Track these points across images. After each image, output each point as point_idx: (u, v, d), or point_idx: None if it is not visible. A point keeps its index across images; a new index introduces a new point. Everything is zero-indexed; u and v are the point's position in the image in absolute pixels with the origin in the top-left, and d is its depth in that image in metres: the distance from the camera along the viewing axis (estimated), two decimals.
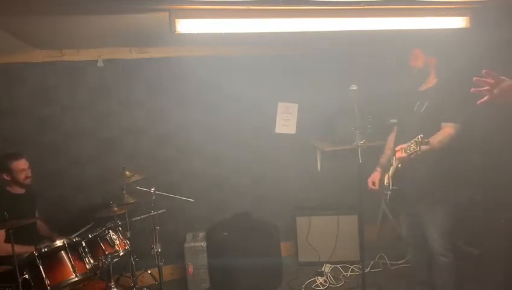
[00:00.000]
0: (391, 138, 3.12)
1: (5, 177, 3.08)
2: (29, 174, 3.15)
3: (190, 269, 3.69)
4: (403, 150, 2.53)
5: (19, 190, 3.17)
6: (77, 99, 3.68)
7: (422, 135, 2.38)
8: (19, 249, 2.67)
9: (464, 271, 3.13)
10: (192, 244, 3.71)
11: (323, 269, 3.89)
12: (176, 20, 2.11)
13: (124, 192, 3.36)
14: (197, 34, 2.36)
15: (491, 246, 3.10)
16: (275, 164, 4.27)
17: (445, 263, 2.80)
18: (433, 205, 2.77)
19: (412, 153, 2.44)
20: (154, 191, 3.21)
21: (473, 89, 1.80)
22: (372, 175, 3.06)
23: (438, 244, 2.80)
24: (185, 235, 3.87)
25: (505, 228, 3.02)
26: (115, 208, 3.18)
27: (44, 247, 2.76)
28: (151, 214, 3.18)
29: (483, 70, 1.75)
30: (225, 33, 2.34)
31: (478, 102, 1.82)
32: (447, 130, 2.66)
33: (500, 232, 3.04)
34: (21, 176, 3.10)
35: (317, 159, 4.33)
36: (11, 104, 3.52)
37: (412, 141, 2.44)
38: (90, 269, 2.87)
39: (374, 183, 3.01)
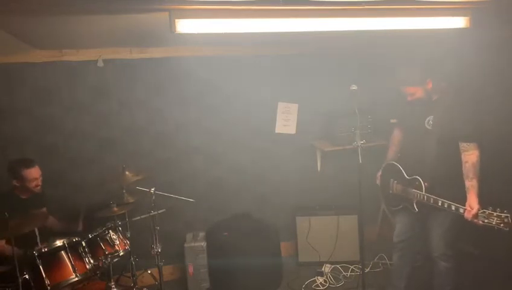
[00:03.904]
0: (397, 135, 3.07)
1: (15, 183, 3.04)
2: (40, 183, 3.11)
3: (190, 269, 3.69)
4: (477, 216, 2.36)
5: (24, 195, 3.14)
6: (77, 99, 3.68)
7: (509, 216, 2.22)
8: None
9: (464, 271, 3.14)
10: (192, 244, 3.71)
11: (323, 269, 3.89)
12: (176, 20, 2.10)
13: (124, 192, 3.37)
14: (197, 34, 2.36)
15: (491, 246, 3.10)
16: (275, 163, 4.27)
17: (446, 268, 2.77)
18: (440, 211, 2.66)
19: (492, 226, 2.28)
20: (154, 191, 3.21)
21: None
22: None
23: (440, 250, 2.75)
24: (185, 235, 3.87)
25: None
26: (115, 208, 3.19)
27: (44, 247, 2.76)
28: (151, 214, 3.18)
29: None
30: (225, 33, 2.33)
31: None
32: (475, 153, 2.53)
33: (500, 232, 3.04)
34: (32, 185, 3.05)
35: (317, 159, 4.33)
36: (11, 104, 3.52)
37: (495, 214, 2.26)
38: (90, 269, 2.87)
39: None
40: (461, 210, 2.44)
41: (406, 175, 2.83)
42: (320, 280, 3.76)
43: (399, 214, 2.99)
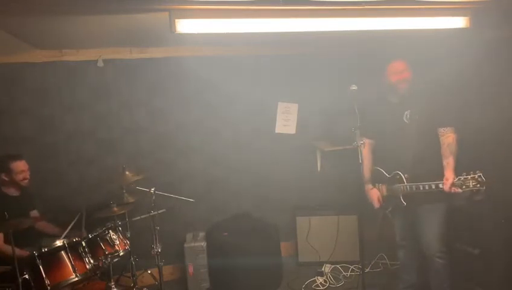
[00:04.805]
0: (365, 153, 2.97)
1: (4, 177, 3.06)
2: (28, 176, 3.13)
3: (190, 269, 3.69)
4: (453, 185, 2.48)
5: (14, 192, 3.16)
6: (77, 99, 3.69)
7: (481, 174, 2.36)
8: (17, 251, 2.67)
9: (464, 271, 3.13)
10: (192, 244, 3.71)
11: (323, 269, 3.88)
12: (176, 20, 2.11)
13: (124, 192, 3.37)
14: (198, 34, 2.36)
15: (491, 246, 3.10)
16: (275, 163, 4.27)
17: (441, 265, 2.80)
18: (433, 207, 2.77)
19: (471, 189, 2.42)
20: (154, 191, 3.21)
21: None
22: (372, 194, 2.99)
23: (434, 246, 2.79)
24: (185, 235, 3.87)
25: (505, 227, 3.03)
26: (115, 208, 3.19)
27: (44, 247, 2.76)
28: (151, 214, 3.18)
29: None
30: (225, 33, 2.34)
31: None
32: (451, 136, 2.69)
33: (500, 232, 3.04)
34: (19, 177, 3.08)
35: (317, 159, 4.33)
36: (11, 104, 3.52)
37: (469, 177, 2.41)
38: (90, 269, 2.87)
39: (379, 200, 2.98)
40: (440, 185, 2.56)
41: (386, 174, 2.91)
42: (320, 280, 3.75)
43: (395, 215, 3.03)
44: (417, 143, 2.74)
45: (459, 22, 2.56)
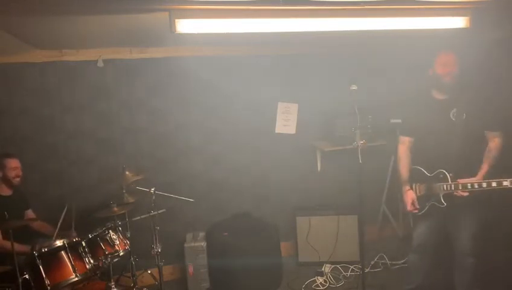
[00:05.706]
0: (404, 152, 2.94)
1: None
2: (20, 174, 3.16)
3: (190, 269, 3.69)
4: (464, 187, 2.49)
5: (7, 191, 3.17)
6: (77, 99, 3.68)
7: None
8: (16, 247, 2.68)
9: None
10: (192, 244, 3.71)
11: (323, 269, 3.88)
12: (176, 20, 2.11)
13: (124, 192, 3.37)
14: (198, 34, 2.36)
15: (491, 246, 3.10)
16: (275, 163, 4.27)
17: (474, 264, 2.74)
18: (473, 207, 2.69)
19: None
20: (154, 191, 3.21)
21: None
22: (407, 196, 2.86)
23: (470, 246, 2.72)
24: (185, 235, 3.87)
25: (505, 227, 3.02)
26: (115, 208, 3.19)
27: (44, 247, 2.76)
28: (151, 214, 3.18)
29: None
30: (225, 33, 2.34)
31: None
32: (497, 140, 2.66)
33: (501, 233, 3.04)
34: (12, 174, 3.12)
35: (317, 159, 4.34)
36: (11, 104, 3.52)
37: None
38: (90, 269, 2.87)
39: (414, 204, 2.84)
40: (494, 184, 2.51)
41: (427, 173, 2.80)
42: (320, 280, 3.75)
43: (424, 218, 2.89)
44: (462, 142, 2.66)
45: (459, 22, 2.56)
